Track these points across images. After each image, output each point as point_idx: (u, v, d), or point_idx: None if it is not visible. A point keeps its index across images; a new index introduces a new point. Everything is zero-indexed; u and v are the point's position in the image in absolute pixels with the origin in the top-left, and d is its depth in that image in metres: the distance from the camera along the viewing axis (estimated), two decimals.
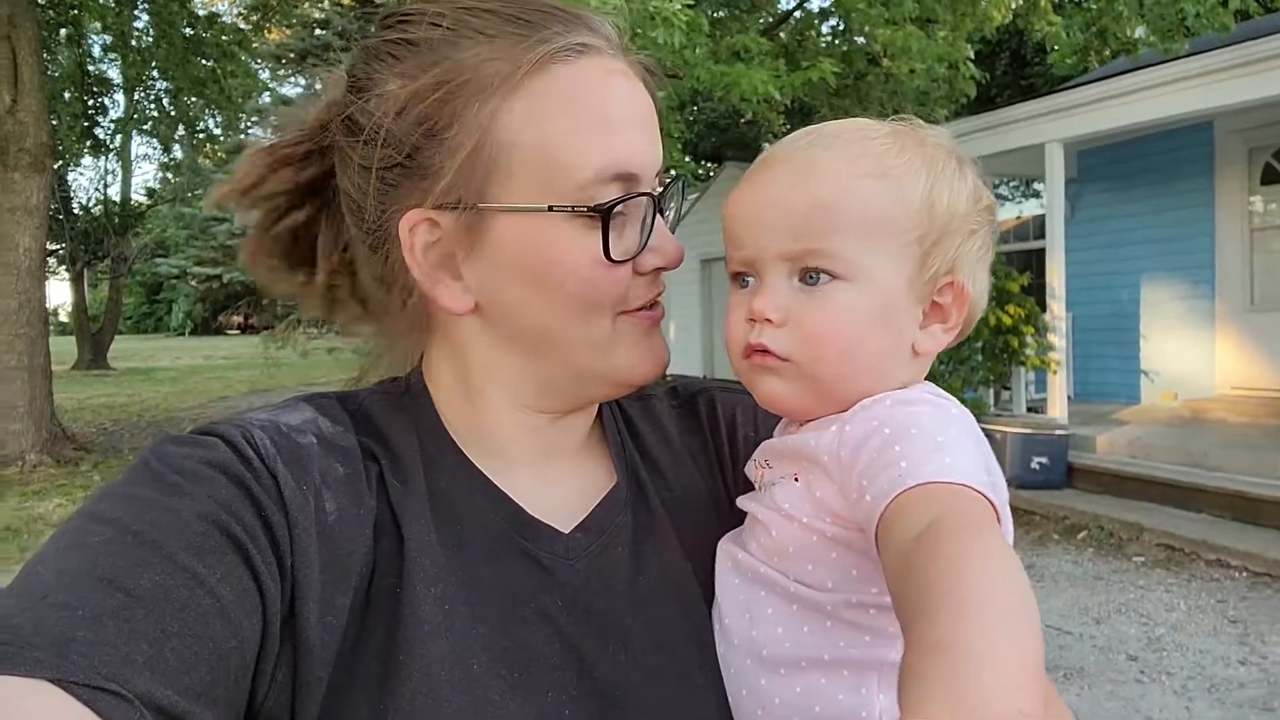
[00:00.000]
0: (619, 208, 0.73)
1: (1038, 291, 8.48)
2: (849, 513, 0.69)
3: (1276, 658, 4.35)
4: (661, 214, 0.77)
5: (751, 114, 9.71)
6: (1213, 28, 8.16)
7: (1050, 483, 7.41)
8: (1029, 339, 8.13)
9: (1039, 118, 8.56)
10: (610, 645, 0.73)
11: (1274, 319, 8.65)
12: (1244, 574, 5.54)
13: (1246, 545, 5.75)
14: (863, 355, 0.74)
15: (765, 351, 0.75)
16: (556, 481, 0.81)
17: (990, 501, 0.60)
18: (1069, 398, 8.61)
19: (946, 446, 0.64)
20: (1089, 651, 4.52)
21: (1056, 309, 8.41)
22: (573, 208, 0.71)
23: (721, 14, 12.22)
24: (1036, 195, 10.44)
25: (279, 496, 0.65)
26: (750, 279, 0.78)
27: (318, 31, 9.79)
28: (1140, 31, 8.84)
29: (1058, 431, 7.65)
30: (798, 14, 13.00)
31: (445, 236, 0.74)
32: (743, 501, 0.80)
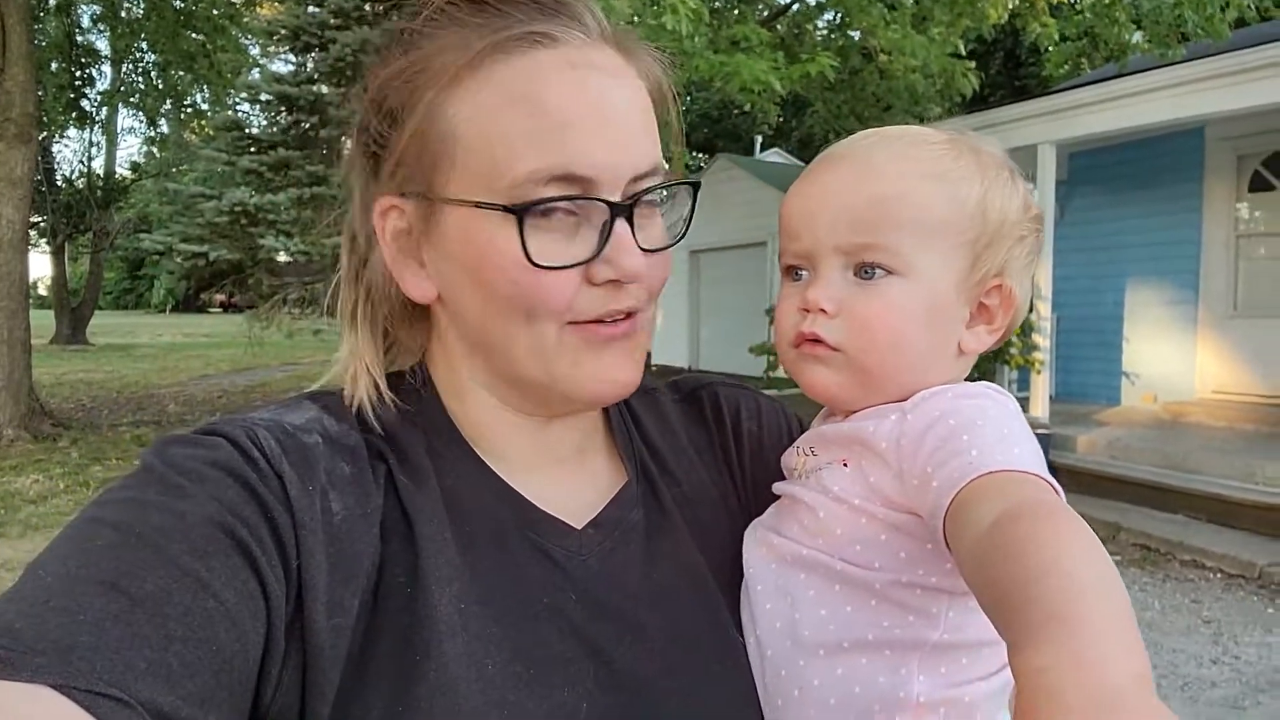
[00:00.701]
0: (566, 211, 0.69)
1: None
2: (903, 498, 0.71)
3: (1249, 658, 4.42)
4: (630, 223, 0.71)
5: (749, 105, 9.71)
6: (1210, 35, 8.21)
7: None
8: (1014, 338, 8.19)
9: (1032, 119, 8.60)
10: (626, 639, 0.72)
11: (1256, 325, 8.75)
12: (1219, 575, 5.62)
13: (1222, 547, 5.84)
14: (910, 349, 0.77)
15: (816, 341, 0.78)
16: (566, 480, 0.81)
17: (1058, 491, 0.62)
18: (1051, 397, 8.68)
19: (1012, 438, 0.67)
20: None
21: (1042, 309, 8.47)
22: (500, 206, 0.68)
23: (719, 3, 12.20)
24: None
25: (285, 497, 0.64)
26: (804, 272, 0.81)
27: (311, 9, 9.67)
28: (1136, 37, 8.91)
29: (1040, 430, 7.71)
30: (795, 6, 12.99)
31: (410, 224, 0.74)
32: (782, 487, 0.83)
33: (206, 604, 0.55)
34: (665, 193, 0.76)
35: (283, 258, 9.80)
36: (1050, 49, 10.54)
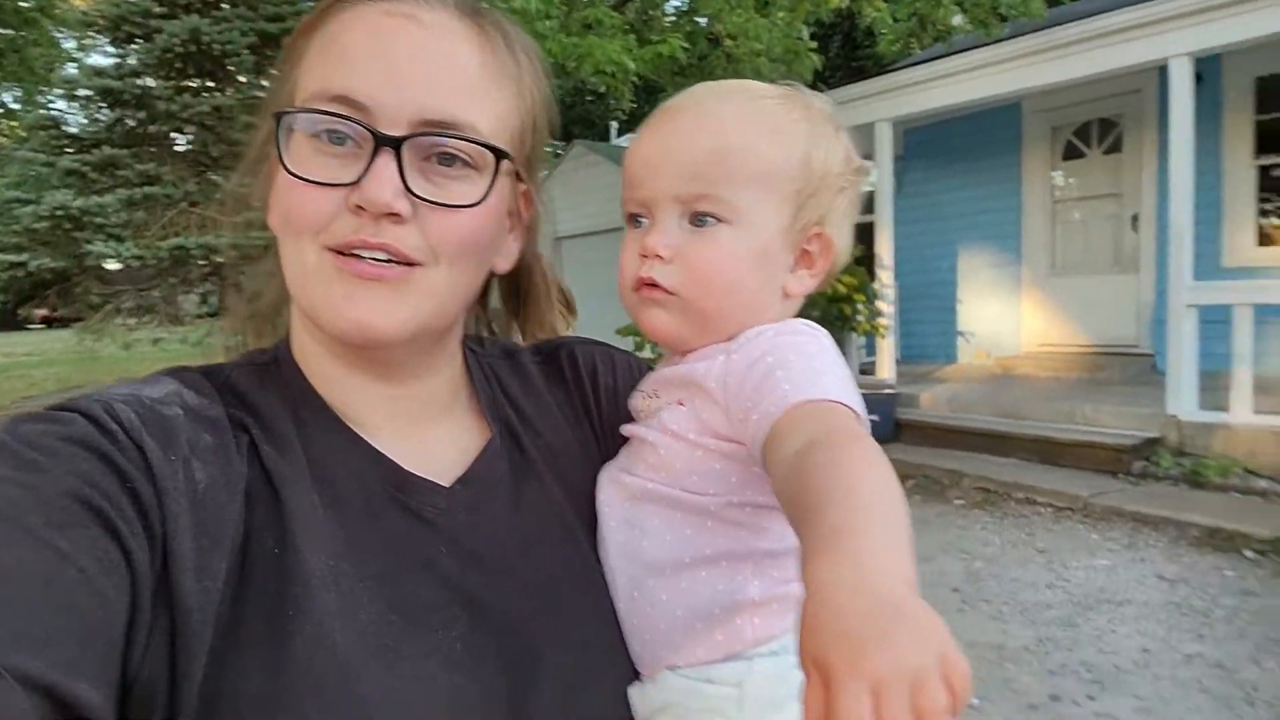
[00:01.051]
0: (339, 134, 0.72)
1: (868, 262, 8.98)
2: (731, 431, 0.78)
3: (1078, 580, 4.85)
4: (399, 159, 0.71)
5: (604, 87, 9.76)
6: (1026, 15, 8.81)
7: (881, 437, 7.80)
8: (860, 307, 8.61)
9: (870, 97, 9.03)
10: (497, 584, 0.76)
11: (1072, 282, 9.50)
12: (1049, 509, 6.12)
13: (1050, 484, 6.35)
14: (741, 292, 0.84)
15: (654, 285, 0.84)
16: (432, 440, 0.83)
17: (860, 416, 0.69)
18: (896, 360, 9.16)
19: (823, 371, 0.74)
20: (917, 587, 4.90)
21: (885, 278, 8.92)
22: (273, 114, 0.74)
23: None
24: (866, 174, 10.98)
25: (146, 467, 0.64)
26: (644, 220, 0.86)
27: None
28: (958, 20, 9.46)
29: (886, 390, 8.20)
30: None
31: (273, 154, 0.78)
32: (629, 428, 0.89)
33: (67, 573, 0.55)
34: (469, 158, 0.75)
35: (114, 265, 9.18)
36: (884, 31, 11.06)
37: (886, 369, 8.86)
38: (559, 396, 0.95)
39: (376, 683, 0.66)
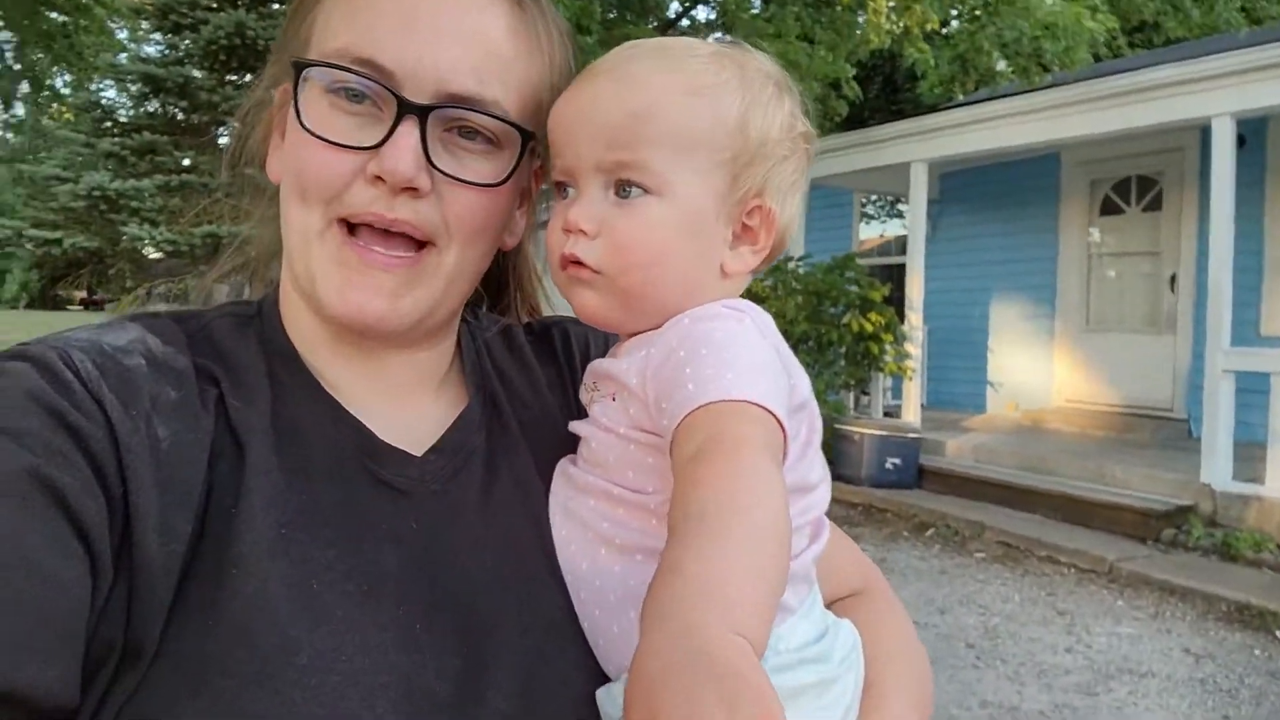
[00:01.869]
0: (358, 93, 0.69)
1: (898, 304, 8.89)
2: (655, 427, 0.71)
3: (1100, 647, 4.69)
4: (423, 130, 0.69)
5: None
6: (1066, 66, 8.76)
7: (903, 483, 7.77)
8: (888, 346, 8.51)
9: (906, 138, 9.00)
10: (463, 557, 0.72)
11: (1107, 339, 9.36)
12: (1072, 570, 5.96)
13: (1075, 544, 6.19)
14: (669, 271, 0.75)
15: (579, 264, 0.75)
16: (411, 410, 0.80)
17: (771, 413, 0.63)
18: (922, 405, 9.06)
19: (732, 363, 0.66)
20: (931, 639, 4.74)
21: (914, 320, 8.84)
22: (293, 65, 0.72)
23: (613, 14, 12.28)
24: (900, 216, 10.98)
25: (106, 423, 0.60)
26: (571, 190, 0.78)
27: None
28: (1001, 65, 9.43)
29: (911, 435, 8.04)
30: (685, 21, 13.19)
31: (286, 101, 0.76)
32: (574, 425, 0.82)
33: (8, 555, 0.53)
34: (492, 134, 0.73)
35: (152, 254, 9.28)
36: (926, 73, 11.04)
37: (912, 412, 8.73)
38: (549, 373, 0.92)
39: (318, 652, 0.62)
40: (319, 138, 0.69)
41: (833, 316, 8.71)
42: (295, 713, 0.59)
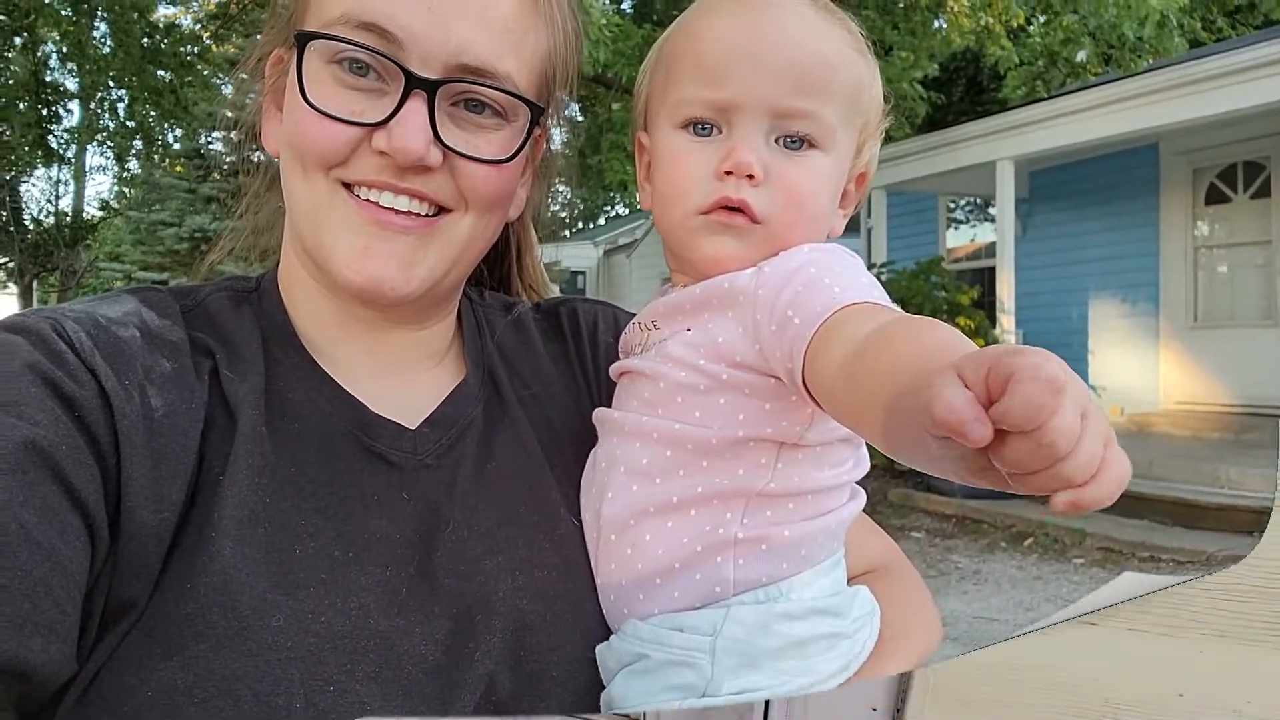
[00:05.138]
0: (362, 65, 0.69)
1: (989, 308, 8.59)
2: (751, 353, 0.68)
3: None
4: (431, 105, 0.68)
5: None
6: (1158, 52, 8.39)
7: (999, 492, 7.44)
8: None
9: (991, 135, 8.73)
10: (454, 526, 0.72)
11: (1216, 336, 8.83)
12: (1170, 564, 5.66)
13: (1178, 543, 5.90)
14: (821, 229, 0.75)
15: (736, 210, 0.70)
16: (408, 384, 0.80)
17: None
18: None
19: (871, 284, 0.67)
20: (1009, 633, 4.55)
21: (1006, 323, 8.52)
22: (295, 35, 0.71)
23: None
24: (990, 220, 10.66)
25: (100, 392, 0.61)
26: (709, 128, 0.72)
27: None
28: (1081, 55, 9.09)
29: None
30: None
31: (279, 74, 0.76)
32: (625, 364, 0.79)
33: (7, 527, 0.53)
34: (500, 107, 0.72)
35: None
36: (1009, 72, 10.73)
37: None
38: (555, 351, 0.91)
39: (294, 614, 0.62)
40: (323, 113, 0.68)
41: None
42: (271, 674, 0.59)
